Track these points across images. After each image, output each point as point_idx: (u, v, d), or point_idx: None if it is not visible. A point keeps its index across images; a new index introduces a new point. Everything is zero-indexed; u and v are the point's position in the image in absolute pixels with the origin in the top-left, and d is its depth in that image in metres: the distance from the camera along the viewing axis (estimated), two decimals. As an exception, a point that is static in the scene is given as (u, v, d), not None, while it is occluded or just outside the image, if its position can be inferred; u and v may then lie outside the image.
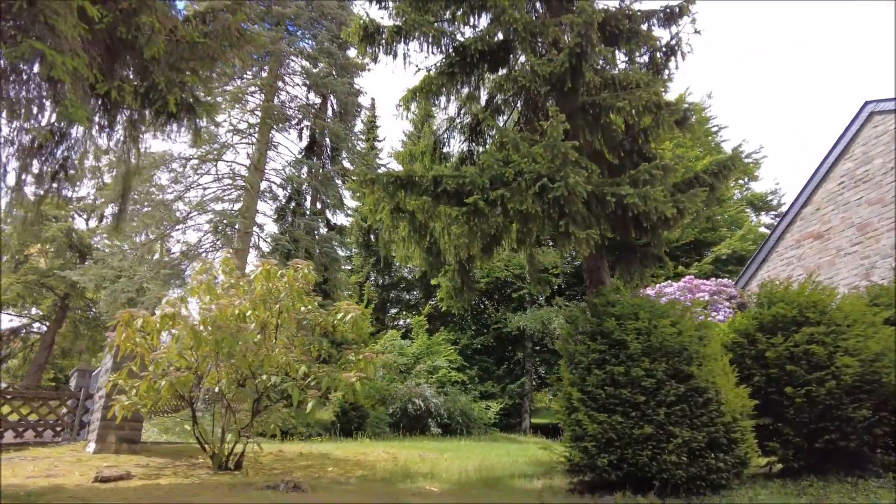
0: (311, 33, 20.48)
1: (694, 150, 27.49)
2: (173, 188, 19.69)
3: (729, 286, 16.81)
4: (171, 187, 19.55)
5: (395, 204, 7.17)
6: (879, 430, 6.13)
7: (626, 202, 6.12)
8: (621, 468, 5.52)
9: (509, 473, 7.15)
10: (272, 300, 7.53)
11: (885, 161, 13.10)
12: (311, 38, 20.87)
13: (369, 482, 6.71)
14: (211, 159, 19.62)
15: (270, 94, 21.06)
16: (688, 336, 5.92)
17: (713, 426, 5.50)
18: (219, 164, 21.03)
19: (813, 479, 6.29)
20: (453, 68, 8.22)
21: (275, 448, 10.32)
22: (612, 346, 6.06)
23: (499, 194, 6.14)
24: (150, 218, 17.20)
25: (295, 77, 22.28)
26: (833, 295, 6.96)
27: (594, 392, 5.84)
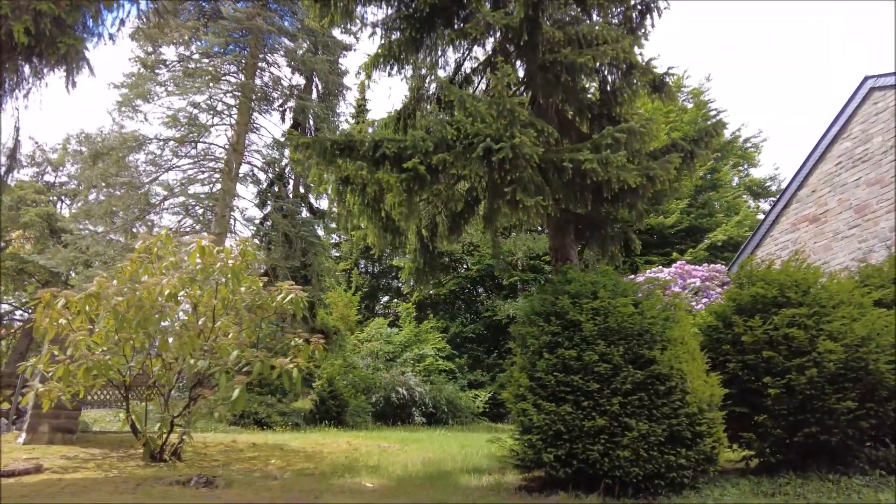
0: (290, 10, 19.71)
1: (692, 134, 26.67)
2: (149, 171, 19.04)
3: (721, 272, 16.18)
4: (145, 169, 18.90)
5: (341, 174, 6.51)
6: (865, 422, 5.49)
7: (583, 168, 5.46)
8: (570, 464, 4.90)
9: (463, 467, 6.55)
10: (203, 279, 6.90)
11: (884, 139, 12.36)
12: (291, 16, 20.11)
13: (304, 476, 6.13)
14: (189, 140, 18.96)
15: (250, 73, 20.33)
16: (650, 317, 5.28)
17: (675, 418, 4.86)
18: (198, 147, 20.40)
19: (792, 475, 5.67)
20: (410, 29, 7.53)
21: (229, 438, 9.77)
22: (566, 328, 5.42)
23: (440, 158, 5.48)
24: (119, 200, 16.56)
25: (277, 57, 21.55)
26: (818, 274, 6.30)
27: (544, 379, 5.21)
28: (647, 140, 5.99)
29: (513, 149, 5.25)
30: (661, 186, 6.16)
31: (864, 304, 5.94)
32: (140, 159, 19.31)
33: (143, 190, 18.82)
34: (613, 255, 7.89)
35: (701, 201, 24.27)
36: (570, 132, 7.53)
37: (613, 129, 5.83)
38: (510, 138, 5.23)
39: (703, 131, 7.45)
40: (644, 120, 5.92)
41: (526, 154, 5.28)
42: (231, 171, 19.15)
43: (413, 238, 8.63)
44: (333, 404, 16.78)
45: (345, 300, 24.52)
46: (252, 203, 21.23)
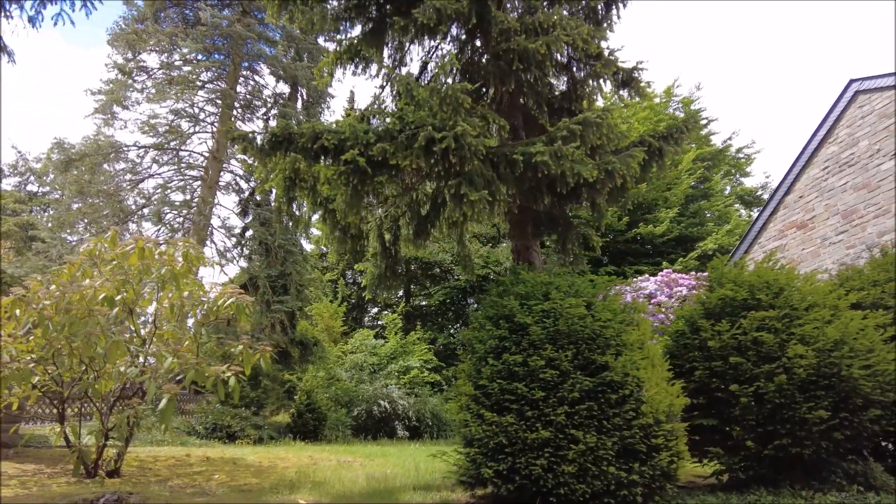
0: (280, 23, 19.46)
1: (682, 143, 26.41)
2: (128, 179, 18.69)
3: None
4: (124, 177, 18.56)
5: (284, 171, 6.11)
6: (839, 433, 5.05)
7: (534, 161, 5.08)
8: (512, 480, 4.46)
9: (415, 484, 6.09)
10: (137, 282, 6.48)
11: (870, 143, 12.04)
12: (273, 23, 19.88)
13: (239, 493, 5.68)
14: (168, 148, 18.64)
15: (232, 80, 20.07)
16: (603, 319, 4.86)
17: (628, 429, 4.44)
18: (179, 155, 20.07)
19: (763, 491, 5.23)
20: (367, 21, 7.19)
21: (183, 452, 9.29)
22: (514, 332, 5.00)
23: (380, 148, 5.10)
24: (90, 207, 16.18)
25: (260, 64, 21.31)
26: (791, 275, 5.90)
27: (488, 387, 4.79)
28: (605, 132, 5.61)
29: (456, 138, 4.88)
30: (621, 182, 5.78)
31: (839, 307, 5.53)
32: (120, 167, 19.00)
33: (122, 199, 18.47)
34: (577, 256, 7.47)
35: (692, 210, 23.93)
36: (535, 129, 7.17)
37: (569, 121, 5.46)
38: (453, 127, 4.87)
39: (673, 128, 7.10)
40: (601, 111, 5.55)
41: (471, 144, 4.91)
42: (210, 180, 18.81)
43: (374, 242, 8.23)
44: (311, 418, 16.27)
45: (330, 311, 24.06)
46: (233, 212, 20.87)
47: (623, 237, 22.88)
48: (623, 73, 7.34)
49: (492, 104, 7.69)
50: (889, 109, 11.71)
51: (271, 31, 20.63)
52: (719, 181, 24.89)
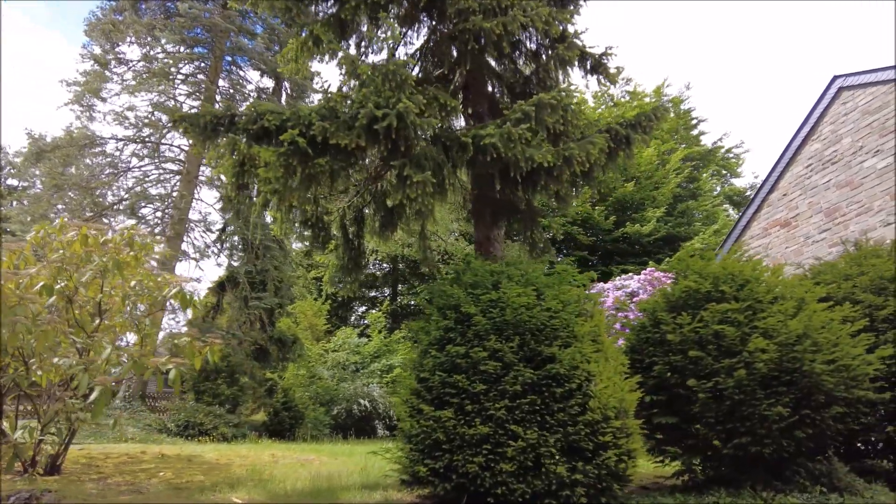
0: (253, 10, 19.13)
1: (671, 143, 26.29)
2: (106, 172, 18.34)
3: (692, 279, 15.49)
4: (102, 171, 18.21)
5: (238, 153, 5.81)
6: (801, 432, 4.80)
7: (483, 143, 4.81)
8: (449, 478, 4.19)
9: (362, 483, 5.81)
10: (74, 269, 6.18)
11: (854, 140, 11.86)
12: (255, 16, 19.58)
13: (175, 490, 5.40)
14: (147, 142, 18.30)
15: (213, 74, 19.76)
16: (553, 309, 4.60)
17: (573, 425, 4.17)
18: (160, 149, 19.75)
19: (722, 492, 4.97)
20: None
21: (138, 449, 8.98)
22: (459, 322, 4.73)
23: (320, 127, 4.83)
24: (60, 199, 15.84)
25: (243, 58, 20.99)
26: (759, 267, 5.66)
27: (429, 380, 4.52)
28: (561, 114, 5.35)
29: (399, 117, 4.61)
30: (582, 169, 5.52)
31: (806, 300, 5.28)
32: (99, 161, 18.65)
33: (99, 192, 18.13)
34: (544, 248, 7.20)
35: (679, 210, 23.75)
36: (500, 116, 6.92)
37: (524, 103, 5.20)
38: (395, 105, 4.60)
39: (641, 115, 6.84)
40: (556, 93, 5.29)
41: (415, 123, 4.65)
42: (190, 174, 18.49)
43: (337, 232, 7.96)
44: (287, 416, 16.01)
45: (314, 309, 23.76)
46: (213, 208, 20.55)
47: (610, 236, 22.68)
48: (592, 59, 7.10)
49: (458, 91, 7.43)
50: (872, 106, 11.52)
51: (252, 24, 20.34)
52: (708, 181, 24.72)
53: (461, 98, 7.36)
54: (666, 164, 23.88)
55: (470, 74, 6.89)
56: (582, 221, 22.88)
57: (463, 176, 6.53)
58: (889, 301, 5.85)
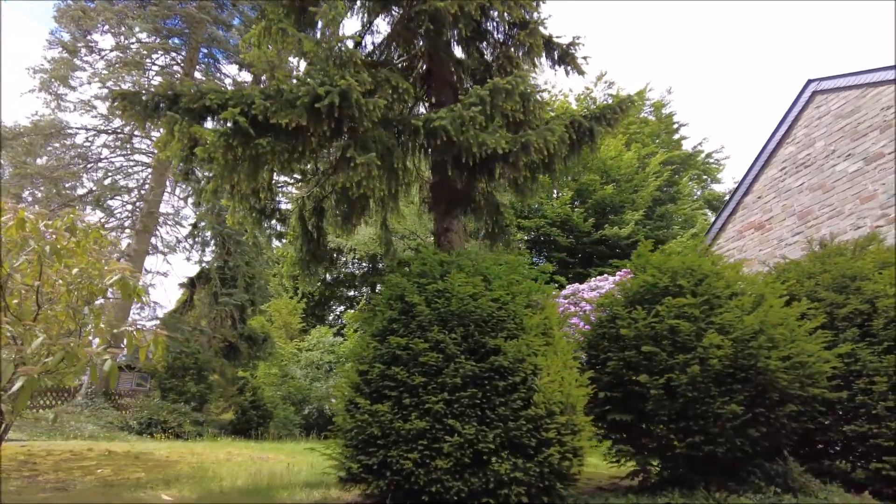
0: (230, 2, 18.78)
1: (652, 146, 26.35)
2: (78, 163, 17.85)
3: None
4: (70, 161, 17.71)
5: (184, 136, 5.51)
6: (755, 430, 4.65)
7: (433, 126, 4.61)
8: (383, 475, 3.96)
9: (305, 481, 5.56)
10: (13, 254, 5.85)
11: (826, 144, 11.85)
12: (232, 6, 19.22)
13: (105, 487, 5.11)
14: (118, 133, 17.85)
15: (189, 65, 19.35)
16: (500, 300, 4.40)
17: (514, 420, 3.96)
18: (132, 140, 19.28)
19: (675, 493, 4.80)
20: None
21: (85, 446, 8.62)
22: (404, 313, 4.52)
23: (261, 106, 4.59)
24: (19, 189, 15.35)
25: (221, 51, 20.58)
26: (720, 262, 5.51)
27: (368, 372, 4.30)
28: (518, 100, 5.16)
29: (342, 95, 4.39)
30: (541, 158, 5.33)
31: (766, 296, 5.14)
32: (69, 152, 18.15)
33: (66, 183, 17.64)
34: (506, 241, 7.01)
35: (658, 213, 23.77)
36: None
37: (479, 88, 5.01)
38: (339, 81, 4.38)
39: (607, 108, 6.70)
40: (512, 77, 5.10)
41: (359, 102, 4.43)
42: (161, 166, 18.05)
43: (295, 223, 7.70)
44: (255, 415, 15.65)
45: (289, 308, 23.36)
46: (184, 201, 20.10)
47: (589, 238, 22.61)
48: (559, 49, 6.95)
49: (421, 79, 7.23)
50: (845, 110, 11.52)
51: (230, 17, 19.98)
52: (687, 185, 24.78)
53: (424, 86, 7.16)
54: (646, 168, 23.90)
55: (432, 61, 6.70)
56: (561, 223, 22.79)
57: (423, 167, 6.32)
58: (850, 299, 5.73)
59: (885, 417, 5.06)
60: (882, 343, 5.33)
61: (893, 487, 4.90)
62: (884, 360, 5.18)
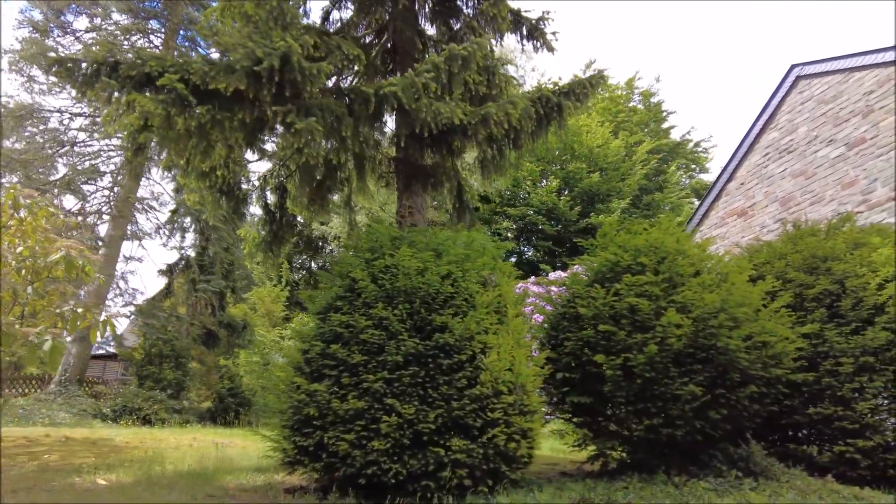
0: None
1: (639, 135, 26.18)
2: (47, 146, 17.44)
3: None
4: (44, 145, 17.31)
5: (120, 106, 5.21)
6: (715, 412, 4.48)
7: (383, 92, 4.37)
8: (319, 458, 3.77)
9: (256, 466, 5.37)
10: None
11: (809, 129, 11.69)
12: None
13: (42, 473, 4.89)
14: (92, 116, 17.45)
15: (167, 48, 18.91)
16: (452, 275, 4.19)
17: (457, 400, 3.77)
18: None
19: (634, 478, 4.63)
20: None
21: (42, 433, 8.41)
22: (350, 290, 4.31)
23: (199, 71, 4.34)
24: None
25: (199, 32, 20.12)
26: (683, 240, 5.33)
27: (308, 351, 4.09)
28: (476, 69, 4.93)
29: (283, 59, 4.16)
30: (504, 133, 5.12)
31: (728, 274, 4.97)
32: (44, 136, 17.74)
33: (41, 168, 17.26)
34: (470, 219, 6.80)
35: (645, 201, 23.64)
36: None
37: (435, 55, 4.78)
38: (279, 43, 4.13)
39: (576, 83, 6.47)
40: (469, 45, 4.86)
41: (303, 68, 4.19)
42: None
43: (257, 203, 7.45)
44: (233, 402, 15.44)
45: (272, 295, 23.07)
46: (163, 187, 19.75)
47: (576, 226, 22.45)
48: (527, 24, 6.72)
49: (386, 54, 6.99)
50: (827, 95, 11.37)
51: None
52: (674, 173, 24.65)
53: (390, 62, 6.91)
54: (633, 156, 23.74)
55: (396, 34, 6.45)
56: (548, 211, 22.61)
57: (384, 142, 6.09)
58: (820, 280, 5.58)
59: (850, 399, 4.92)
60: (850, 324, 5.18)
61: (857, 470, 4.77)
62: (851, 341, 5.03)
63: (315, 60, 4.50)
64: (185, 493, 3.92)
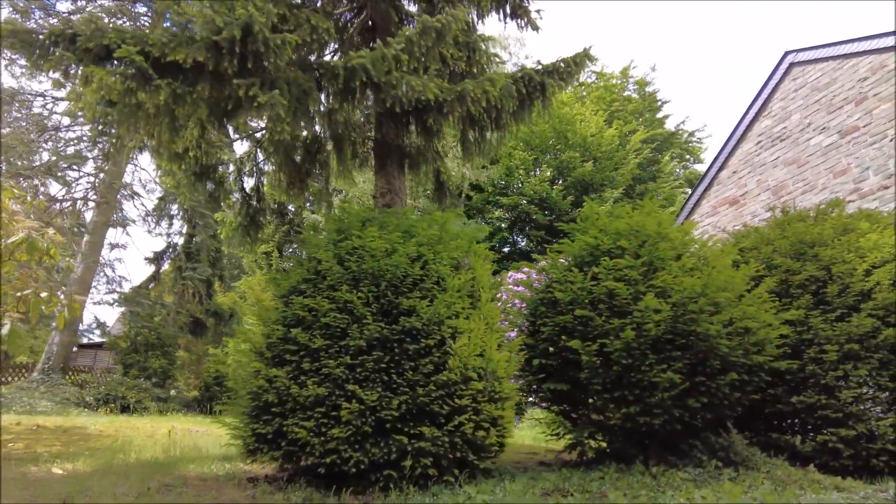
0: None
1: (634, 124, 25.98)
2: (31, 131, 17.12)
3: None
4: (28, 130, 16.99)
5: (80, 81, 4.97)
6: (695, 401, 4.34)
7: (351, 65, 4.17)
8: (278, 445, 3.61)
9: (222, 454, 5.21)
10: None
11: (802, 117, 11.51)
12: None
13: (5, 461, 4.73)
14: (74, 99, 17.08)
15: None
16: (423, 257, 4.02)
17: (423, 386, 3.61)
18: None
19: (611, 468, 4.49)
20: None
21: (13, 421, 8.23)
22: (317, 273, 4.14)
23: (159, 42, 4.13)
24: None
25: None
26: (666, 223, 5.16)
27: (270, 335, 3.92)
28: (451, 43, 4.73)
29: (245, 29, 3.95)
30: (481, 112, 4.93)
31: (708, 257, 4.81)
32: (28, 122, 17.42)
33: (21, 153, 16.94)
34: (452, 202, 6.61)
35: (638, 191, 23.47)
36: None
37: (408, 28, 4.57)
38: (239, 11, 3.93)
39: (561, 61, 6.26)
40: (443, 17, 4.65)
41: (265, 38, 3.98)
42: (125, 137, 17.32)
43: (234, 186, 7.24)
44: (219, 391, 15.30)
45: (262, 284, 22.88)
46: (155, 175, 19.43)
47: (568, 216, 22.27)
48: (511, 2, 6.49)
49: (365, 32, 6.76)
50: (821, 82, 11.18)
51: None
52: (668, 163, 24.46)
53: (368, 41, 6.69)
54: (626, 146, 23.54)
55: (375, 11, 6.22)
56: (540, 201, 22.42)
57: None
58: (806, 266, 5.43)
59: (834, 388, 4.79)
60: (835, 311, 5.04)
61: (840, 460, 4.64)
62: (836, 328, 4.89)
63: (280, 31, 4.28)
64: (140, 482, 3.76)
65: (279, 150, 7.02)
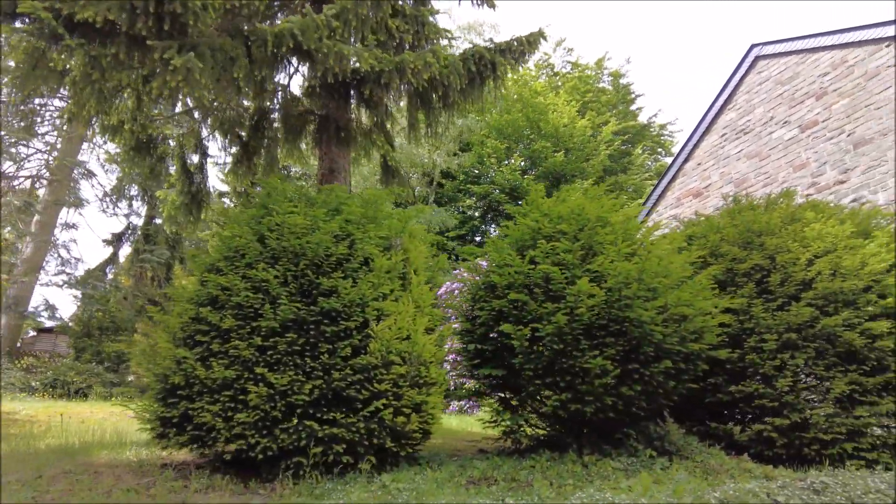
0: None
1: (607, 115, 26.00)
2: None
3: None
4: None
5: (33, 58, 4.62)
6: (628, 389, 4.24)
7: (279, 30, 3.93)
8: (183, 429, 3.41)
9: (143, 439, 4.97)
10: None
11: (765, 110, 11.54)
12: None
13: None
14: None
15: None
16: (347, 236, 3.83)
17: (339, 370, 3.43)
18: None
19: (544, 455, 4.38)
20: None
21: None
22: (236, 250, 3.91)
23: (67, 0, 3.83)
24: None
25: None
26: (607, 208, 5.03)
27: (183, 315, 3.70)
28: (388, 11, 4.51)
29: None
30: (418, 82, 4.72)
31: (650, 244, 4.72)
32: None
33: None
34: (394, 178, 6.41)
35: (609, 182, 23.53)
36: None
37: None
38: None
39: (514, 40, 6.09)
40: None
41: (183, 0, 3.71)
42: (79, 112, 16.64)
43: (175, 163, 6.93)
44: (176, 377, 14.95)
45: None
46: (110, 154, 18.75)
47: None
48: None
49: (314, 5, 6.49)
50: (784, 76, 11.21)
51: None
52: (640, 155, 24.57)
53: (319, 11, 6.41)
54: (598, 136, 23.56)
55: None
56: (511, 189, 22.33)
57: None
58: (752, 254, 5.38)
59: (772, 377, 4.76)
60: (777, 300, 5.00)
61: (774, 449, 4.61)
62: (776, 317, 4.85)
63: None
64: (37, 469, 3.52)
65: (224, 126, 6.74)
